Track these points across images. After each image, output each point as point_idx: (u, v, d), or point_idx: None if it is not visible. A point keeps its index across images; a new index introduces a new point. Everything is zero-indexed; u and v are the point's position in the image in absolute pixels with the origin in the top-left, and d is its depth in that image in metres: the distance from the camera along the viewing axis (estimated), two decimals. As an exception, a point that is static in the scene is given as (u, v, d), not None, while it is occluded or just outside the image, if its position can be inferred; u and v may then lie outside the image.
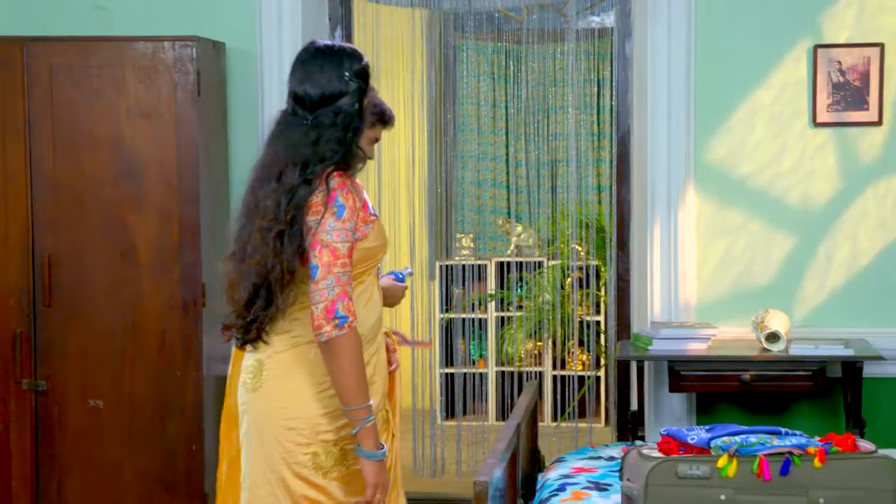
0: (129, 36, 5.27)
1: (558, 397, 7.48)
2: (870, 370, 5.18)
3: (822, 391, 5.16)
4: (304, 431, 3.36)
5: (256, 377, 3.39)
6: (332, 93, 3.38)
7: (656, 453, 3.49)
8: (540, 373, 8.04)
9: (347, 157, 3.39)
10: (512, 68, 7.76)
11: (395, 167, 6.89)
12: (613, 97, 6.09)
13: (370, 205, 3.44)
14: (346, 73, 3.39)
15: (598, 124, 8.05)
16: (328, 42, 3.49)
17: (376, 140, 3.89)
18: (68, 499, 5.22)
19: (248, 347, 3.43)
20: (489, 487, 3.34)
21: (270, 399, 3.38)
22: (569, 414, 7.47)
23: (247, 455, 3.42)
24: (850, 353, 5.03)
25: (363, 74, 3.45)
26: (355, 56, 3.46)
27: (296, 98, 3.41)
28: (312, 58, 3.43)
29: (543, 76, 7.90)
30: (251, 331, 3.37)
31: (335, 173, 3.34)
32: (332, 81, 3.38)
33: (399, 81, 6.86)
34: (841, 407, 5.40)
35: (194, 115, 5.13)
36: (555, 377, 7.84)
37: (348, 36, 5.97)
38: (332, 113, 3.36)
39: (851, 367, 5.10)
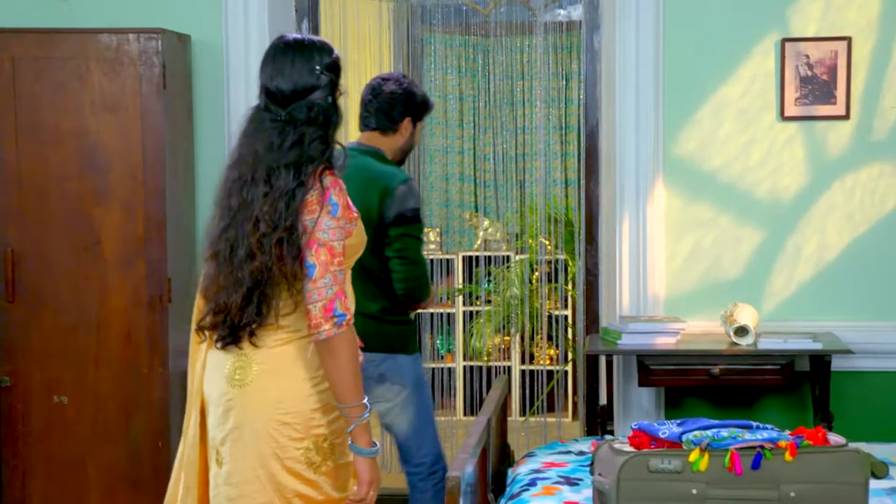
0: (93, 28, 5.20)
1: (526, 392, 7.46)
2: (837, 364, 5.20)
3: (790, 385, 5.17)
4: (299, 426, 3.33)
5: (244, 371, 3.36)
6: (304, 87, 3.34)
7: (628, 447, 3.47)
8: (508, 367, 8.03)
9: (331, 154, 3.37)
10: (479, 62, 7.74)
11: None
12: (581, 91, 6.07)
13: (350, 202, 3.42)
14: (318, 67, 3.36)
15: (566, 118, 8.04)
16: (298, 36, 3.45)
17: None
18: (32, 496, 5.18)
19: (232, 346, 3.39)
20: (461, 482, 3.32)
21: (263, 394, 3.34)
22: (537, 408, 7.45)
23: (235, 451, 3.37)
24: (818, 346, 5.04)
25: (334, 68, 3.41)
26: (326, 49, 3.42)
27: (268, 93, 3.37)
28: (282, 52, 3.39)
29: (511, 69, 7.88)
30: (240, 334, 3.34)
31: (327, 171, 3.31)
32: (304, 76, 3.34)
33: (367, 74, 6.81)
34: (809, 400, 5.41)
35: (160, 108, 5.09)
36: (523, 372, 7.83)
37: (315, 28, 5.92)
38: (306, 108, 3.33)
39: (820, 361, 5.12)
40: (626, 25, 5.48)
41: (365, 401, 3.30)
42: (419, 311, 4.91)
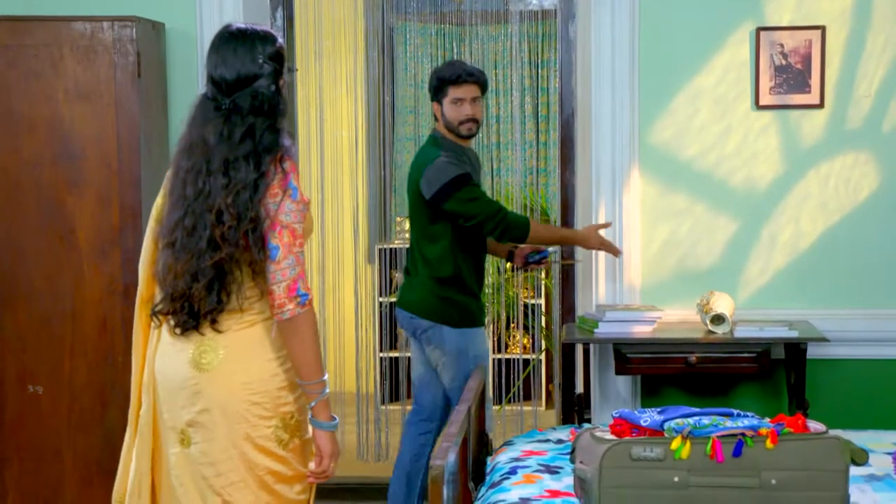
0: (66, 16, 5.16)
1: (502, 381, 7.46)
2: (812, 351, 5.23)
3: (765, 372, 5.20)
4: (267, 405, 3.42)
5: (210, 355, 3.41)
6: (247, 75, 3.40)
7: (609, 436, 3.47)
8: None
9: (285, 142, 3.42)
10: (455, 50, 7.70)
11: (338, 150, 6.83)
12: (556, 80, 6.07)
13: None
14: (260, 56, 3.42)
15: (542, 107, 8.02)
16: (242, 25, 3.50)
17: (459, 100, 4.96)
18: (8, 485, 5.15)
19: (193, 331, 3.44)
20: (444, 472, 3.32)
21: (232, 377, 3.41)
22: (512, 397, 7.46)
23: (206, 432, 3.43)
24: (794, 334, 5.07)
25: (277, 57, 3.47)
26: (269, 38, 3.47)
27: (213, 82, 3.44)
28: (226, 42, 3.45)
29: (485, 58, 7.86)
30: (201, 320, 3.40)
31: (286, 157, 3.39)
32: (246, 64, 3.40)
33: (341, 63, 6.80)
34: (784, 388, 5.44)
35: (134, 96, 5.06)
36: (497, 361, 7.82)
37: (289, 17, 5.91)
38: (250, 96, 3.39)
39: (795, 349, 5.14)
40: (602, 14, 5.48)
41: (325, 377, 3.43)
42: (563, 262, 5.52)
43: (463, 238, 5.04)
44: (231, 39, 3.44)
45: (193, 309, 3.39)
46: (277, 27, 5.81)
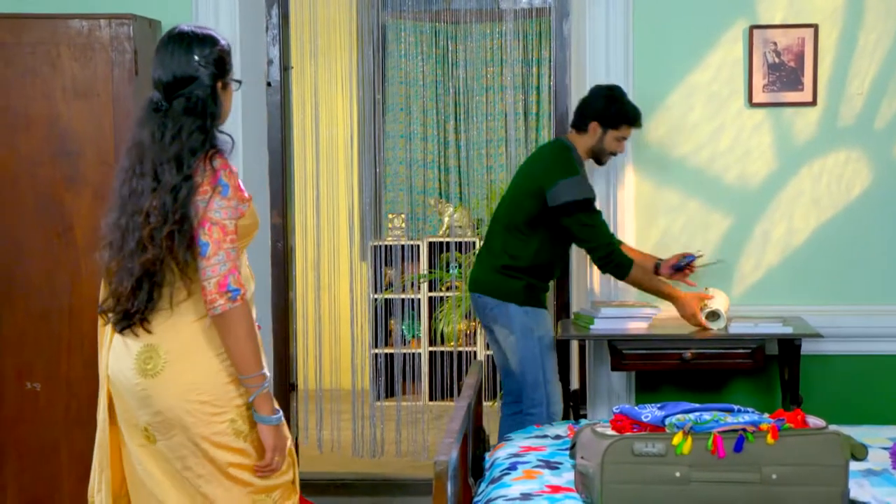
0: (63, 13, 5.16)
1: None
2: (804, 347, 5.25)
3: (759, 368, 5.23)
4: (218, 401, 3.47)
5: (153, 360, 3.47)
6: (182, 77, 3.45)
7: (610, 431, 3.51)
8: (473, 353, 8.07)
9: (215, 142, 3.47)
10: (449, 48, 7.75)
11: (334, 148, 6.86)
12: (549, 77, 6.10)
13: (242, 186, 3.53)
14: (196, 58, 3.46)
15: (528, 105, 8.06)
16: (186, 28, 3.54)
17: (624, 139, 5.19)
18: (6, 481, 5.15)
19: (128, 332, 3.52)
20: (448, 467, 3.35)
21: (178, 379, 3.46)
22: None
23: (165, 431, 3.49)
24: (789, 330, 5.10)
25: (217, 59, 3.50)
26: (208, 41, 3.51)
27: (155, 85, 3.50)
28: (165, 44, 3.52)
29: (478, 56, 7.89)
30: (133, 320, 3.47)
31: (217, 154, 3.44)
32: (181, 66, 3.45)
33: (336, 60, 6.83)
34: (777, 384, 5.48)
35: (131, 94, 5.06)
36: (488, 356, 7.86)
37: (285, 15, 5.92)
38: (185, 99, 3.44)
39: (789, 345, 5.17)
40: (596, 12, 5.50)
41: (264, 370, 3.48)
42: (708, 264, 5.47)
43: (553, 246, 5.25)
44: (169, 42, 3.50)
45: (125, 309, 3.46)
46: (273, 25, 5.82)
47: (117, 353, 3.55)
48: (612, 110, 5.18)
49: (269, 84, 5.86)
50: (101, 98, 5.06)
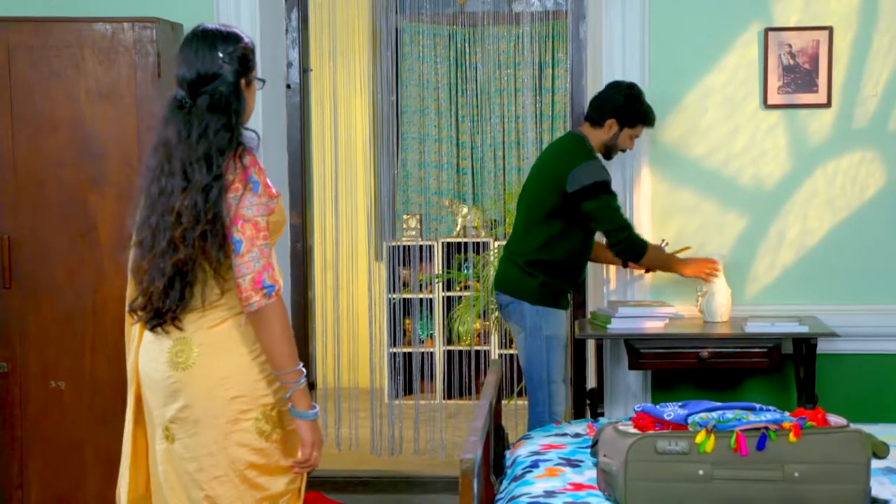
0: (87, 17, 5.22)
1: (513, 375, 7.55)
2: (819, 346, 5.29)
3: (774, 367, 5.28)
4: (246, 398, 3.48)
5: (185, 353, 3.49)
6: (206, 75, 3.45)
7: (632, 429, 3.56)
8: (486, 352, 8.12)
9: (242, 139, 3.48)
10: (466, 51, 7.80)
11: (352, 148, 6.91)
12: (565, 79, 6.15)
13: (269, 182, 3.54)
14: (220, 55, 3.46)
15: (548, 106, 8.10)
16: (210, 26, 3.54)
17: (636, 136, 5.28)
18: (30, 479, 5.21)
19: (160, 330, 3.53)
20: (474, 465, 3.39)
21: (209, 373, 3.47)
22: (522, 390, 7.53)
23: (187, 428, 3.51)
24: (805, 330, 5.15)
25: (240, 57, 3.50)
26: (231, 38, 3.51)
27: (179, 82, 3.51)
28: (188, 42, 3.52)
29: (494, 59, 7.94)
30: (165, 318, 3.48)
31: (245, 151, 3.45)
32: (205, 64, 3.45)
33: (355, 63, 6.88)
34: (792, 382, 5.53)
35: (154, 96, 5.11)
36: (501, 356, 7.92)
37: (304, 17, 5.97)
38: (209, 96, 3.44)
39: (805, 344, 5.22)
40: (612, 15, 5.55)
41: (300, 366, 3.47)
42: (651, 270, 5.54)
43: (573, 241, 5.26)
44: (193, 39, 3.50)
45: (156, 307, 3.47)
46: (292, 28, 5.88)
47: (148, 350, 3.57)
48: (631, 109, 5.24)
49: (288, 86, 5.92)
50: (125, 100, 5.12)
